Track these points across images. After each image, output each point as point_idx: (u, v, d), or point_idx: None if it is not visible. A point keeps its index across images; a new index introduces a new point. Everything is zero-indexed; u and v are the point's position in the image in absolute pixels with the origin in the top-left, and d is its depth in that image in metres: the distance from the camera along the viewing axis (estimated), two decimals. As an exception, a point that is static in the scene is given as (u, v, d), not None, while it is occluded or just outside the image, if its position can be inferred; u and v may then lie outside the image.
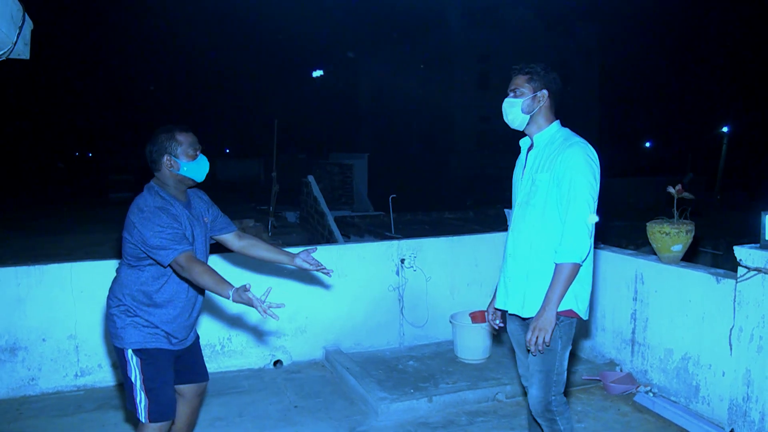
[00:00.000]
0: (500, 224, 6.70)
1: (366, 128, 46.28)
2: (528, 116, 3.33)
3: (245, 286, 2.98)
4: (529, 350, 3.20)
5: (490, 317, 3.63)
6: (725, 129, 31.48)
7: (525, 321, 3.38)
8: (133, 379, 3.29)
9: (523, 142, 3.51)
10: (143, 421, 3.31)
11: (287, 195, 18.43)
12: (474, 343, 5.77)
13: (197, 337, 3.67)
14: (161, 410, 3.32)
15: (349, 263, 6.01)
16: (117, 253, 3.75)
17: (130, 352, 3.27)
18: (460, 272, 6.37)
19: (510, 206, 3.65)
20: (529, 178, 3.34)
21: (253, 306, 2.96)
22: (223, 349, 5.70)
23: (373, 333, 6.12)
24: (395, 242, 6.25)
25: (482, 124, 41.80)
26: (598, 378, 5.30)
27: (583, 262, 3.17)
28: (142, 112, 44.98)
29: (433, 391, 5.10)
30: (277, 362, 5.85)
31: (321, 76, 42.63)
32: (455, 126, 41.79)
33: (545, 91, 3.31)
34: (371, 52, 45.25)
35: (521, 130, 3.42)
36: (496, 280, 6.43)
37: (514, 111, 3.34)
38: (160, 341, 3.30)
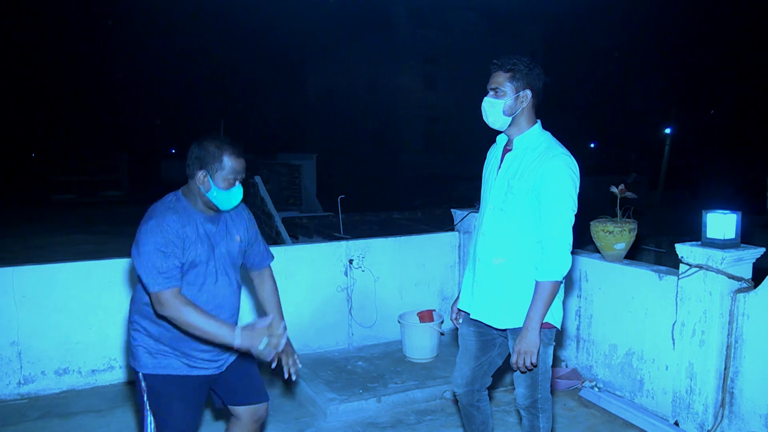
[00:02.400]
0: (448, 224, 6.75)
1: (314, 129, 46.12)
2: (510, 118, 3.16)
3: (253, 324, 2.83)
4: (517, 369, 3.16)
5: (453, 316, 3.56)
6: (668, 130, 32.18)
7: (492, 329, 3.34)
8: (143, 405, 3.06)
9: (501, 139, 3.34)
10: None
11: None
12: (422, 343, 5.78)
13: (241, 355, 3.30)
14: None
15: (297, 264, 5.97)
16: (62, 256, 3.63)
17: (141, 374, 3.04)
18: (408, 272, 6.38)
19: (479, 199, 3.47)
20: (505, 182, 3.19)
21: (259, 357, 2.82)
22: (168, 352, 5.61)
23: (321, 334, 6.09)
24: (343, 243, 6.23)
25: (430, 124, 42.04)
26: (544, 375, 5.35)
27: (564, 279, 3.13)
28: (86, 111, 44.12)
29: (382, 391, 5.09)
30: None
31: (268, 75, 42.37)
32: (403, 127, 41.91)
33: (528, 92, 3.14)
34: (318, 53, 45.12)
35: (502, 131, 3.27)
36: (444, 279, 6.48)
37: (495, 112, 3.16)
38: (171, 367, 3.03)
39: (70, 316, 5.25)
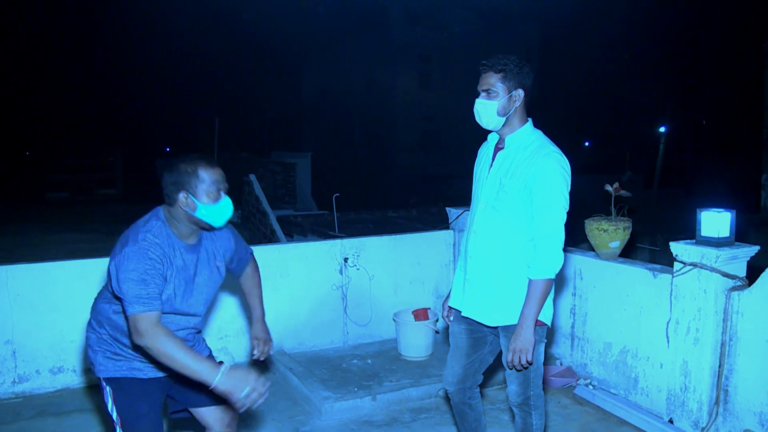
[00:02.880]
0: (443, 222, 6.76)
1: (309, 127, 46.05)
2: (503, 118, 3.17)
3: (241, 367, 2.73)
4: (512, 368, 3.18)
5: (445, 313, 3.57)
6: (663, 129, 32.22)
7: (483, 326, 3.35)
8: (109, 409, 2.99)
9: (492, 137, 3.35)
10: None
11: (229, 194, 18.22)
12: (417, 341, 5.79)
13: (210, 354, 3.30)
14: None
15: (292, 263, 5.96)
16: (57, 255, 3.63)
17: (102, 379, 2.99)
18: (403, 270, 6.38)
19: (470, 197, 3.48)
20: (497, 181, 3.19)
21: (239, 404, 2.69)
22: (163, 350, 5.60)
23: (316, 332, 6.09)
24: (338, 241, 6.23)
25: (425, 123, 41.99)
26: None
27: (556, 276, 3.14)
28: (80, 110, 43.97)
29: (377, 389, 5.09)
30: (219, 363, 5.76)
31: (263, 73, 42.28)
32: (398, 125, 41.87)
33: (521, 91, 3.15)
34: (314, 51, 45.07)
35: (495, 131, 3.27)
36: (439, 278, 6.48)
37: (489, 114, 3.16)
38: (133, 371, 2.98)
39: (64, 315, 5.23)
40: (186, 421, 3.37)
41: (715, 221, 4.20)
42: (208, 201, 2.86)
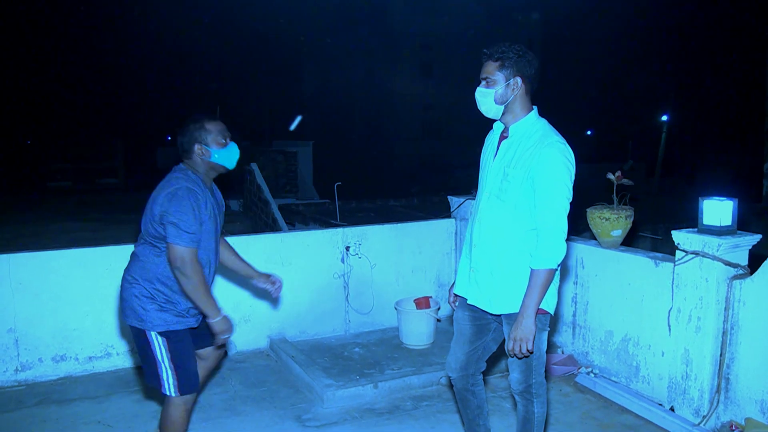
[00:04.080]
0: (444, 211, 6.75)
1: (310, 116, 46.02)
2: (502, 106, 3.17)
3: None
4: (513, 356, 3.20)
5: (450, 299, 3.59)
6: (665, 117, 32.17)
7: (487, 314, 3.36)
8: (159, 358, 3.43)
9: (497, 126, 3.34)
10: (173, 394, 3.47)
11: (230, 183, 18.23)
12: (418, 329, 5.80)
13: None
14: (190, 383, 3.50)
15: (294, 251, 5.96)
16: (58, 244, 3.71)
17: (153, 334, 3.40)
18: (405, 259, 6.39)
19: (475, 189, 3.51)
20: (501, 170, 3.19)
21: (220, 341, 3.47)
22: (165, 339, 5.61)
23: (318, 321, 6.10)
24: (340, 230, 6.23)
25: (426, 112, 41.98)
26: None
27: (559, 266, 3.15)
28: (81, 99, 43.91)
29: (379, 377, 5.11)
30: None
31: (264, 62, 42.23)
32: (400, 114, 41.86)
33: (519, 79, 3.13)
34: (315, 40, 44.96)
35: (497, 119, 3.28)
36: (440, 266, 6.49)
37: (487, 102, 3.18)
38: (185, 322, 3.47)
39: (66, 304, 5.24)
40: None
41: (717, 210, 4.19)
42: (219, 147, 3.46)
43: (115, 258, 5.37)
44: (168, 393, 3.47)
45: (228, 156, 3.50)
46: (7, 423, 4.52)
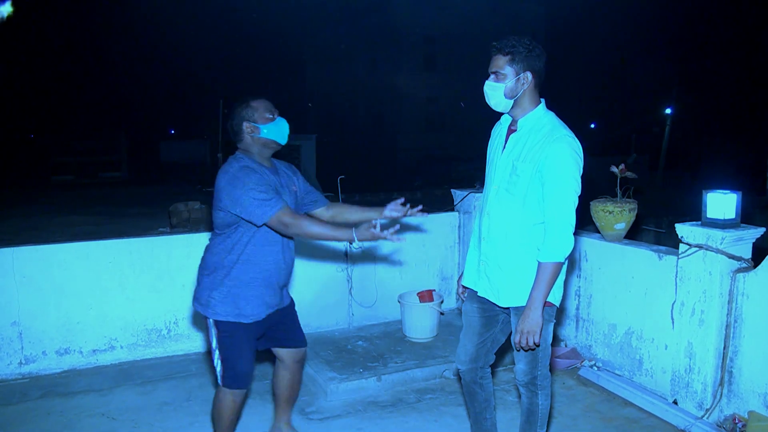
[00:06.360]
0: (447, 204, 6.74)
1: (314, 109, 45.98)
2: (512, 100, 3.18)
3: (368, 224, 3.29)
4: (520, 349, 3.22)
5: (460, 290, 3.61)
6: (668, 110, 32.09)
7: (495, 306, 3.39)
8: (213, 346, 3.53)
9: (505, 118, 3.37)
10: (220, 383, 3.57)
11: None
12: (422, 322, 5.80)
13: (292, 302, 3.87)
14: (234, 378, 3.54)
15: (297, 244, 5.95)
16: (62, 237, 3.71)
17: (212, 321, 3.49)
18: (408, 252, 6.38)
19: (482, 181, 3.53)
20: (509, 163, 3.21)
21: (379, 238, 3.29)
22: (169, 333, 5.63)
23: (322, 314, 6.10)
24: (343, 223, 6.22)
25: (430, 105, 41.83)
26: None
27: (566, 259, 3.16)
28: (85, 93, 43.90)
29: (382, 370, 5.11)
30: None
31: (267, 55, 42.20)
32: (403, 107, 41.72)
33: (529, 74, 3.14)
34: (318, 33, 44.89)
35: (505, 113, 3.30)
36: (443, 259, 6.49)
37: (497, 95, 3.19)
38: (239, 317, 3.46)
39: (70, 297, 5.26)
40: (261, 352, 3.83)
41: (721, 203, 4.18)
42: (266, 122, 3.48)
43: (118, 251, 5.39)
44: (218, 380, 3.58)
45: (278, 130, 3.52)
46: (11, 416, 4.54)
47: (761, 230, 4.18)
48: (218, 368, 3.55)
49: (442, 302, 5.90)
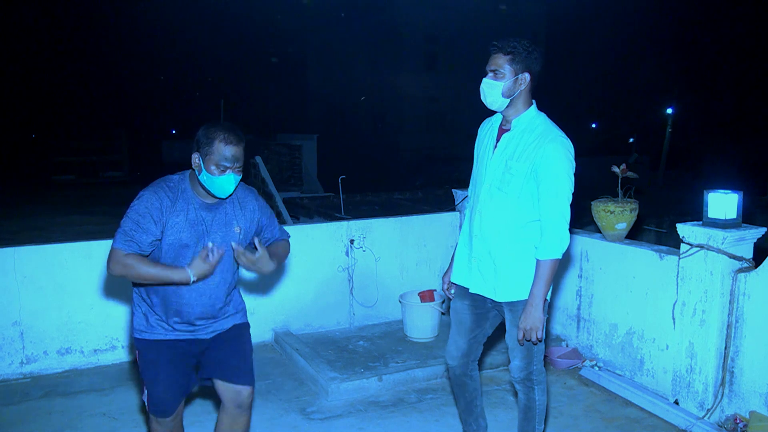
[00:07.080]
0: (448, 204, 6.75)
1: (314, 109, 45.96)
2: (508, 100, 3.22)
3: (202, 253, 2.92)
4: (523, 342, 3.28)
5: (445, 287, 3.65)
6: (669, 110, 32.06)
7: (486, 302, 3.45)
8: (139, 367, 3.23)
9: (496, 117, 3.41)
10: (145, 404, 3.22)
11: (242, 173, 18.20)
12: (423, 322, 5.80)
13: (241, 327, 3.34)
14: (152, 403, 3.17)
15: (299, 244, 5.94)
16: (63, 237, 3.66)
17: (132, 338, 3.21)
18: (409, 252, 6.39)
19: (468, 180, 3.58)
20: (502, 163, 3.26)
21: (208, 268, 2.94)
22: (170, 332, 5.63)
23: (323, 314, 6.10)
24: (344, 223, 6.24)
25: (431, 105, 41.79)
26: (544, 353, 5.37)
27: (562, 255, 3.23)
28: (86, 92, 43.87)
29: (383, 370, 5.11)
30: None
31: (268, 55, 42.16)
32: (404, 107, 41.68)
33: (527, 75, 3.20)
34: (318, 32, 44.87)
35: (499, 111, 3.33)
36: (444, 259, 6.48)
37: (494, 94, 3.22)
38: (155, 331, 3.12)
39: (71, 297, 5.26)
40: (212, 389, 3.39)
41: (722, 203, 4.18)
42: (213, 172, 2.95)
43: (119, 251, 5.38)
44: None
45: (215, 185, 2.98)
46: (12, 415, 4.54)
47: (762, 230, 4.18)
48: (144, 392, 3.19)
49: (443, 302, 5.90)
